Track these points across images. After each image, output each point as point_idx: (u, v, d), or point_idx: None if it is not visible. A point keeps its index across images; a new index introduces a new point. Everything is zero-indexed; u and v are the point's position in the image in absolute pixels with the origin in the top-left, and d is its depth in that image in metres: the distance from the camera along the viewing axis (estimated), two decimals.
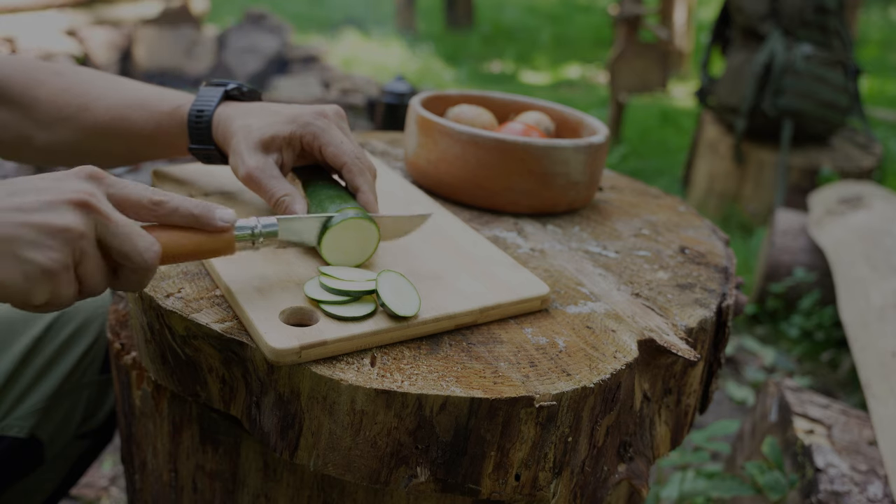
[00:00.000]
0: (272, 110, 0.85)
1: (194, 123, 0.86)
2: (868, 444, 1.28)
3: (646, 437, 0.82)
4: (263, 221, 0.71)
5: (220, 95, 0.88)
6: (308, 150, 0.85)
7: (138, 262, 0.61)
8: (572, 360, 0.70)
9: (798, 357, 2.40)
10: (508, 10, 9.43)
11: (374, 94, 4.11)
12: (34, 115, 0.90)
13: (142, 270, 0.62)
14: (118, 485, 1.63)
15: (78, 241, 0.58)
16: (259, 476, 0.79)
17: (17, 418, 0.92)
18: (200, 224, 0.67)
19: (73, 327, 0.98)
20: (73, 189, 0.59)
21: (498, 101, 1.20)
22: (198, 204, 0.67)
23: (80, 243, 0.58)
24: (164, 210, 0.65)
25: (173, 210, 0.65)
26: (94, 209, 0.59)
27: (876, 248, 2.08)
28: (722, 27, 3.49)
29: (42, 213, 0.57)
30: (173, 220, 0.66)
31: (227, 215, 0.68)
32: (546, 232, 0.98)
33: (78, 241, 0.58)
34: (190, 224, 0.67)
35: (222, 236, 0.68)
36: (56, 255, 0.57)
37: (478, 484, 0.68)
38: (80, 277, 0.60)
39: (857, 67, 3.20)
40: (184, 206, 0.66)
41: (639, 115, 4.98)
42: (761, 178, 3.19)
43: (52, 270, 0.57)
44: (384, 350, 0.69)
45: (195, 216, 0.66)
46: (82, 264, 0.59)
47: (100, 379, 1.01)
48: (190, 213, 0.66)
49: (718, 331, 0.87)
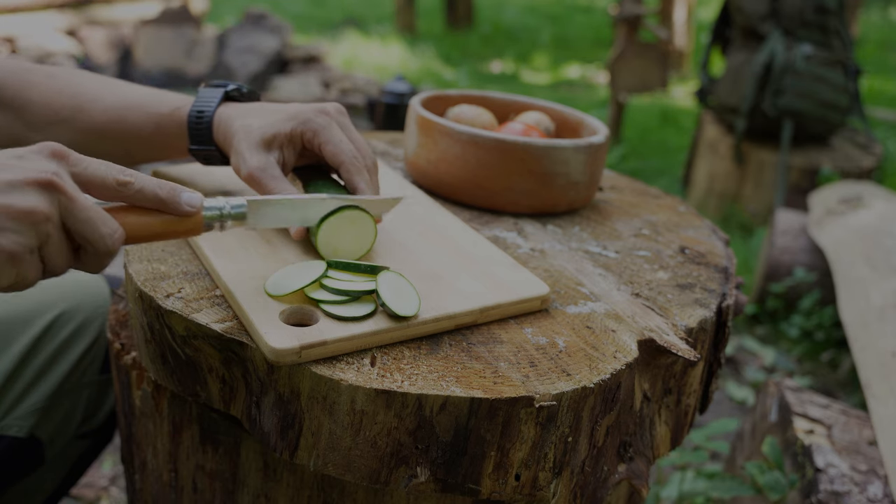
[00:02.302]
0: (272, 109, 0.85)
1: (194, 124, 0.86)
2: (868, 444, 1.28)
3: (646, 437, 0.82)
4: (232, 202, 0.70)
5: (221, 96, 0.88)
6: (309, 148, 0.85)
7: (100, 247, 0.61)
8: (572, 360, 0.70)
9: (798, 357, 2.40)
10: (508, 10, 9.42)
11: (374, 95, 4.11)
12: (27, 117, 0.90)
13: (104, 255, 0.62)
14: (118, 485, 1.63)
15: (43, 224, 0.57)
16: (259, 476, 0.79)
17: (17, 418, 0.92)
18: (166, 208, 0.66)
19: (73, 327, 0.98)
20: (36, 168, 0.58)
21: (498, 101, 1.20)
22: (164, 186, 0.66)
23: (45, 226, 0.57)
24: (129, 191, 0.64)
25: (138, 191, 0.64)
26: (59, 189, 0.58)
27: (876, 248, 2.08)
28: (722, 27, 3.49)
29: (6, 195, 0.56)
30: (139, 201, 0.65)
31: (194, 199, 0.67)
32: (546, 232, 0.98)
33: (43, 225, 0.57)
34: (156, 207, 0.66)
35: (189, 218, 0.67)
36: (20, 239, 0.56)
37: (478, 484, 0.68)
38: (44, 259, 0.59)
39: (857, 67, 3.20)
40: (149, 187, 0.65)
41: (639, 115, 4.98)
42: (761, 178, 3.19)
43: (16, 255, 0.56)
44: (384, 350, 0.69)
45: (161, 199, 0.65)
46: (46, 246, 0.59)
47: (100, 379, 1.01)
48: (156, 196, 0.65)
49: (718, 331, 0.87)
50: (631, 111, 4.90)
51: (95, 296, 1.01)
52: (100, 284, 1.03)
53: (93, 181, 0.62)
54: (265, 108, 0.86)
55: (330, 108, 0.85)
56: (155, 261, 0.79)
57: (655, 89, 4.18)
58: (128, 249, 0.81)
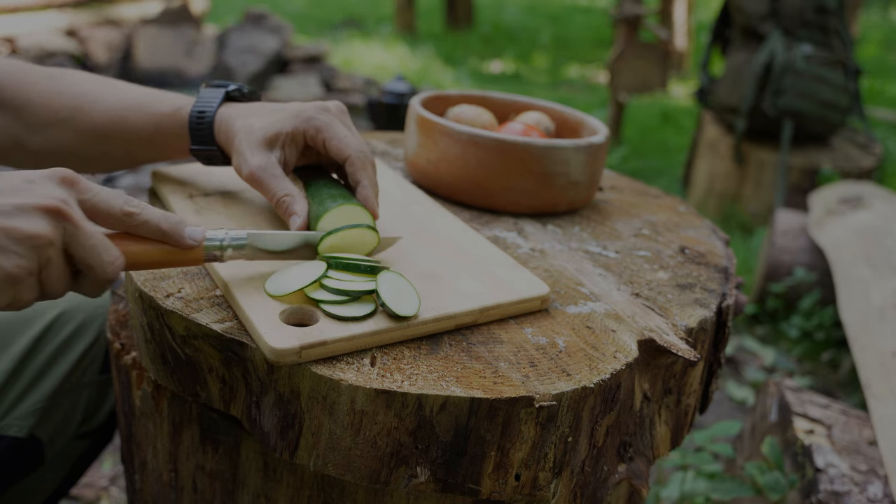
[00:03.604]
0: (274, 109, 0.85)
1: (196, 124, 0.86)
2: (868, 444, 1.28)
3: (646, 437, 0.82)
4: (232, 234, 0.71)
5: (222, 96, 0.88)
6: (311, 145, 0.85)
7: (100, 274, 0.62)
8: (572, 360, 0.70)
9: (798, 357, 2.40)
10: (508, 10, 9.43)
11: (375, 94, 4.11)
12: (26, 117, 0.90)
13: (103, 281, 0.63)
14: (118, 485, 1.63)
15: (45, 248, 0.58)
16: (259, 476, 0.79)
17: (17, 418, 0.92)
18: (169, 241, 0.67)
19: (72, 327, 0.98)
20: (45, 195, 0.59)
21: (498, 101, 1.20)
22: (168, 219, 0.67)
23: (47, 251, 0.58)
24: (134, 222, 0.65)
25: (143, 223, 0.66)
26: (66, 217, 0.59)
27: (876, 248, 2.08)
28: (722, 27, 3.49)
29: (12, 217, 0.57)
30: (142, 232, 0.66)
31: (197, 233, 0.68)
32: (546, 232, 0.98)
33: (45, 249, 0.58)
34: (159, 239, 0.67)
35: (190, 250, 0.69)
36: (22, 262, 0.57)
37: (478, 484, 0.68)
38: (42, 282, 0.60)
39: (857, 67, 3.20)
40: (154, 220, 0.66)
41: (639, 115, 4.98)
42: (761, 178, 3.19)
43: (16, 277, 0.57)
44: (384, 350, 0.69)
45: (164, 232, 0.67)
46: (46, 270, 0.60)
47: (100, 379, 1.01)
48: (159, 229, 0.66)
49: (718, 331, 0.87)
50: (631, 111, 4.90)
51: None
52: None
53: (99, 209, 0.64)
54: (266, 107, 0.86)
55: (331, 106, 0.85)
56: None
57: (655, 89, 4.18)
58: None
